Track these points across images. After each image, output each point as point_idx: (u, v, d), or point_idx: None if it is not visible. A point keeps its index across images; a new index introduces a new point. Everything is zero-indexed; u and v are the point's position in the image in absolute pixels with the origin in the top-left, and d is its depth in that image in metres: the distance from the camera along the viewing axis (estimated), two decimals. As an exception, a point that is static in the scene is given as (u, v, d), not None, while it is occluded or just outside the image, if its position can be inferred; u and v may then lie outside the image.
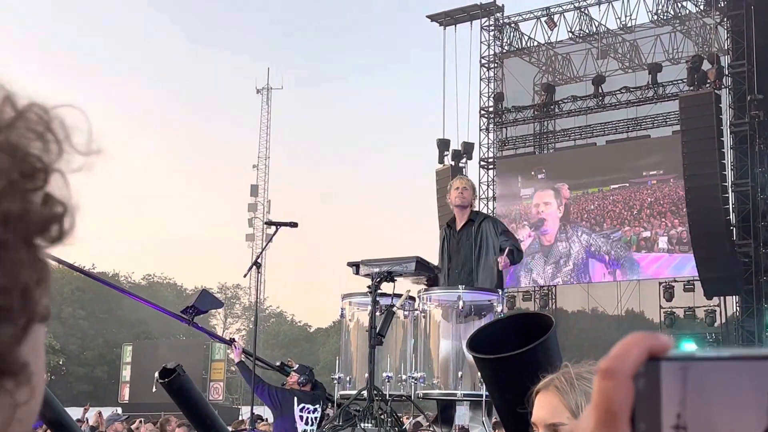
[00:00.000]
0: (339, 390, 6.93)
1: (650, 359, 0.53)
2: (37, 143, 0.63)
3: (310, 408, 8.11)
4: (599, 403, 0.54)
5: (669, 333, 23.35)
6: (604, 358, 0.54)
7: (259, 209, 54.44)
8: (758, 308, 21.31)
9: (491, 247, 7.03)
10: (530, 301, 25.23)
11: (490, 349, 3.35)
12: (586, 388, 1.78)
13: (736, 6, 22.14)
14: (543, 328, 3.36)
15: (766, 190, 21.79)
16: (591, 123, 25.42)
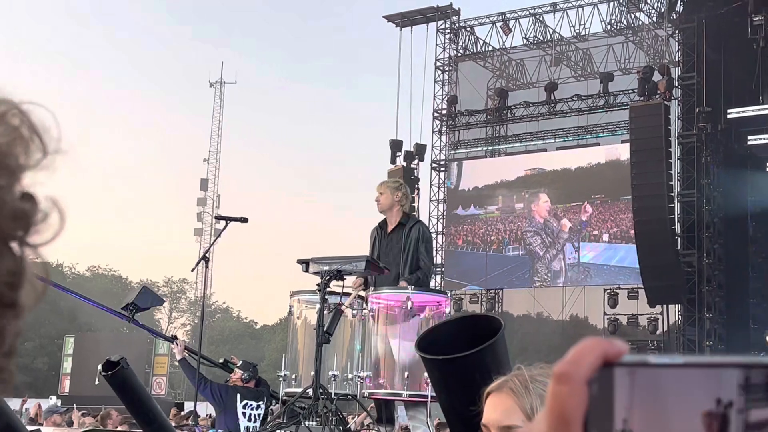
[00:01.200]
0: (284, 387, 6.90)
1: (604, 365, 0.53)
2: (15, 140, 0.63)
3: (253, 405, 8.07)
4: (553, 408, 0.53)
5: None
6: (559, 362, 0.54)
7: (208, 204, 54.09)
8: (699, 317, 21.66)
9: (416, 252, 7.09)
10: (477, 304, 25.37)
11: (438, 350, 3.35)
12: (540, 390, 1.77)
13: (688, 19, 22.48)
14: (492, 330, 3.38)
15: (711, 202, 22.15)
16: (542, 129, 25.66)
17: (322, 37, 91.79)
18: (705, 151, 22.18)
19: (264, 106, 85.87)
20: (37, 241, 0.65)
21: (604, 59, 24.90)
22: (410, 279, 6.94)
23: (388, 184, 7.39)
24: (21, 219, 0.63)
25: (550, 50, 25.78)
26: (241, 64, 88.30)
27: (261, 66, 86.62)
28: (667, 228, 21.21)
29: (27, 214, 0.63)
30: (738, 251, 22.61)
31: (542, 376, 1.80)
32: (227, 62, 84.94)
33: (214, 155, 55.16)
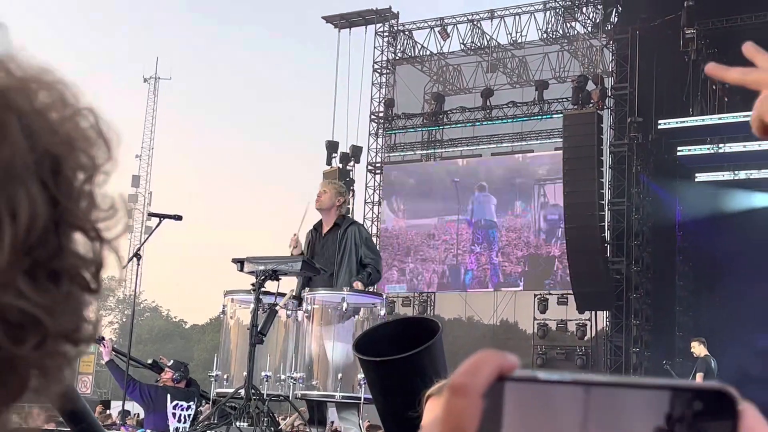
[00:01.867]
0: (216, 388, 6.84)
1: (497, 379, 0.53)
2: (87, 143, 0.67)
3: (183, 405, 7.98)
4: (448, 420, 0.53)
5: (541, 344, 23.96)
6: (455, 374, 0.54)
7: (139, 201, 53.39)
8: (627, 324, 22.01)
9: (353, 253, 7.07)
10: (409, 307, 25.45)
11: (376, 351, 3.35)
12: None
13: (622, 30, 22.85)
14: (429, 332, 3.40)
15: (640, 211, 22.52)
16: (478, 134, 25.86)
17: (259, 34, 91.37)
18: (636, 160, 22.54)
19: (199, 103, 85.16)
20: (110, 236, 0.68)
21: (539, 67, 25.20)
22: (362, 278, 6.91)
23: (334, 185, 7.37)
24: (98, 212, 0.67)
25: (486, 57, 26.00)
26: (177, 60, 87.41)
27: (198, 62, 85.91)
28: (597, 235, 21.51)
29: (105, 208, 0.68)
30: (665, 260, 23.04)
31: None
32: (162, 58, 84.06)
33: (147, 152, 54.51)
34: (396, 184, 26.22)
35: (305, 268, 6.50)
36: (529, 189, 24.34)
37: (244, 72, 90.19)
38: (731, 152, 21.28)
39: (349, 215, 8.09)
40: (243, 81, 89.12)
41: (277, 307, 6.43)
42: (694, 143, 21.70)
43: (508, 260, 24.39)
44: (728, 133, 21.06)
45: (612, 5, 23.05)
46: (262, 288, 6.37)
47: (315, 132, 77.20)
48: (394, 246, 25.32)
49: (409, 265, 25.27)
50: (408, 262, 25.27)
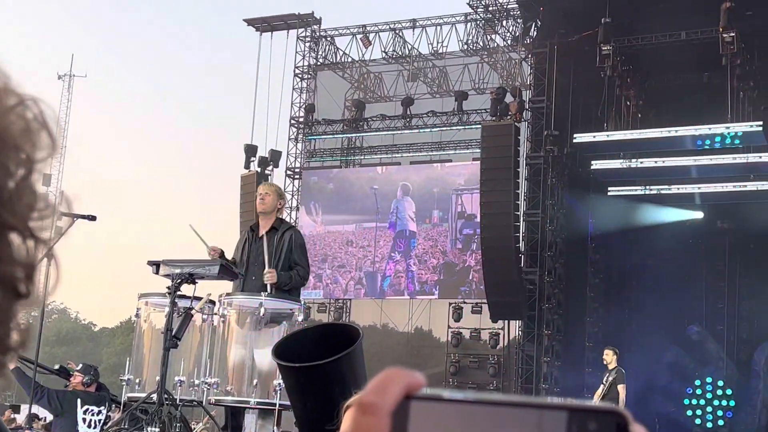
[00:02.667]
0: (127, 392, 6.70)
1: (404, 397, 0.54)
2: (28, 133, 0.63)
3: (94, 410, 7.80)
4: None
5: (455, 352, 24.15)
6: (362, 392, 0.54)
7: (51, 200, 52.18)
8: (538, 334, 22.32)
9: (288, 258, 7.04)
10: (325, 313, 25.40)
11: (295, 357, 3.33)
12: None
13: (541, 44, 23.21)
14: (350, 339, 3.38)
15: (554, 222, 22.88)
16: (397, 143, 25.98)
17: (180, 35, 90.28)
18: (551, 173, 22.89)
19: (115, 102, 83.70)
20: (45, 236, 0.64)
21: (459, 78, 25.44)
22: (283, 275, 6.86)
23: (275, 188, 7.33)
24: (34, 211, 0.64)
25: (407, 65, 26.15)
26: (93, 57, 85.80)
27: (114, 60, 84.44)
28: (512, 246, 21.77)
29: (40, 206, 0.64)
30: (577, 271, 23.45)
31: None
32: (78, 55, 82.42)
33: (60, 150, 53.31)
34: (315, 190, 26.16)
35: (223, 273, 6.42)
36: (446, 198, 24.52)
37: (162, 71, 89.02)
38: (643, 167, 21.79)
39: (285, 220, 8.05)
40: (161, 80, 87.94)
41: (192, 311, 6.33)
42: (608, 157, 22.15)
43: (425, 268, 24.52)
44: (641, 149, 21.58)
45: (531, 20, 23.40)
46: (177, 291, 6.27)
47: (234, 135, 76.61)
48: (311, 252, 25.19)
49: (326, 272, 25.22)
50: (325, 268, 25.22)
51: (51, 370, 9.00)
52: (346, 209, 25.50)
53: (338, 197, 25.74)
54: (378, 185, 25.41)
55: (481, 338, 23.99)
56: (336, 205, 25.66)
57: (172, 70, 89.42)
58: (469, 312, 23.71)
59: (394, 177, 25.41)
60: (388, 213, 25.08)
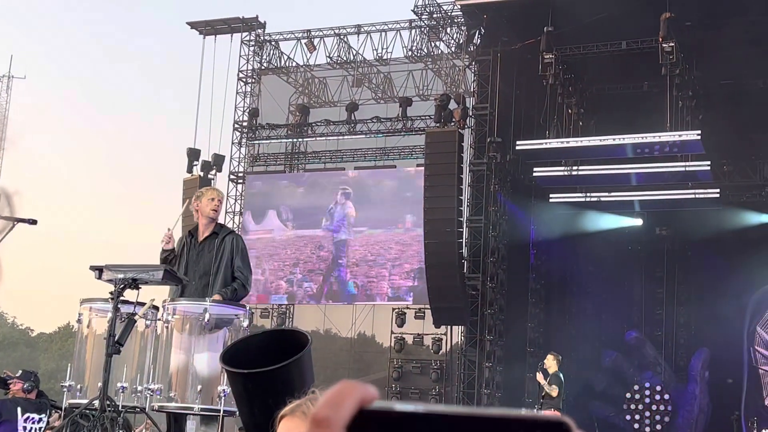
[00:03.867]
0: (69, 399, 6.61)
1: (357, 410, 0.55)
2: None
3: (35, 418, 7.67)
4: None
5: (398, 357, 24.20)
6: (316, 406, 0.54)
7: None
8: (481, 339, 22.45)
9: (229, 263, 6.99)
10: (267, 318, 25.26)
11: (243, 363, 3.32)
12: None
13: (485, 52, 23.38)
14: (298, 345, 3.39)
15: (497, 228, 23.05)
16: (342, 148, 25.97)
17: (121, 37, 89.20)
18: (494, 179, 23.05)
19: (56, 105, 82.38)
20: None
21: (404, 84, 25.52)
22: (225, 292, 6.81)
23: (221, 193, 7.25)
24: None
25: (352, 71, 26.17)
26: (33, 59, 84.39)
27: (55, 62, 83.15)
28: (455, 251, 21.87)
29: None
30: (519, 277, 23.65)
31: None
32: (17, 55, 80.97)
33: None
34: (258, 195, 26.02)
35: (167, 278, 6.37)
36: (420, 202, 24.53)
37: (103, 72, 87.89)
38: (584, 174, 22.08)
39: (224, 224, 7.97)
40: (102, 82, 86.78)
41: (135, 317, 6.27)
42: (550, 164, 22.40)
43: (400, 273, 24.46)
44: (582, 156, 21.86)
45: (475, 27, 23.57)
46: (120, 297, 6.21)
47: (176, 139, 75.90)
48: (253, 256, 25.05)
49: (296, 276, 25.07)
50: (296, 273, 25.07)
51: None
52: (288, 213, 25.40)
53: (280, 202, 25.61)
54: (322, 189, 25.35)
55: (424, 343, 24.07)
56: (279, 209, 25.53)
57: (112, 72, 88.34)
58: (413, 317, 23.78)
59: (339, 182, 25.37)
60: (331, 217, 25.03)
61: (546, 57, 21.08)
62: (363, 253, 24.61)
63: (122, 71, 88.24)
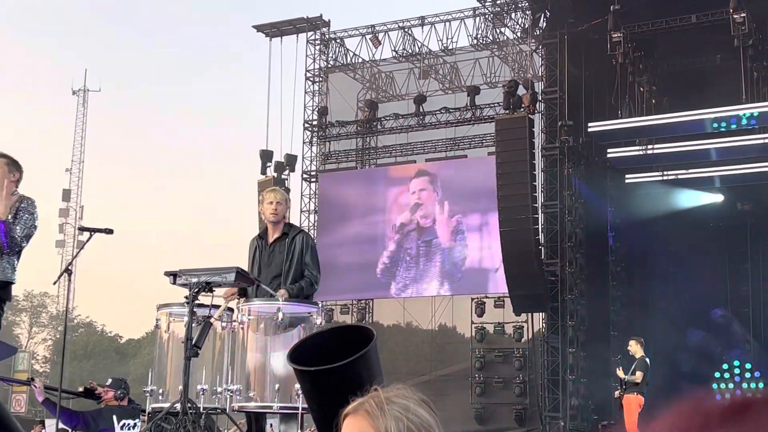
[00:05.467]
0: (151, 403, 6.73)
1: None
2: None
3: (130, 424, 7.83)
4: None
5: (479, 347, 24.11)
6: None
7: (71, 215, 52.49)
8: (563, 325, 22.24)
9: (300, 263, 7.03)
10: (348, 314, 25.42)
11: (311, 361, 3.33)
12: (396, 413, 1.76)
13: (551, 35, 23.14)
14: (365, 340, 3.38)
15: (573, 213, 22.80)
16: (412, 141, 25.93)
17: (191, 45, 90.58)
18: (567, 163, 22.82)
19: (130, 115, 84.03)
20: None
21: (471, 73, 25.37)
22: (291, 289, 6.87)
23: (283, 194, 7.27)
24: None
25: (418, 63, 26.12)
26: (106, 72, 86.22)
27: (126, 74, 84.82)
28: (531, 238, 21.69)
29: None
30: (599, 261, 23.36)
31: (398, 398, 1.80)
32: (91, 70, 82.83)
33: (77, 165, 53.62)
34: (332, 192, 26.12)
35: (239, 279, 6.43)
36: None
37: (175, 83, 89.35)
38: (660, 153, 21.68)
39: (293, 224, 8.02)
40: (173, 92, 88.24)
41: (211, 320, 6.34)
42: (624, 145, 22.05)
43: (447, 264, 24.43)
44: (656, 135, 21.46)
45: (540, 10, 23.33)
46: (195, 300, 6.29)
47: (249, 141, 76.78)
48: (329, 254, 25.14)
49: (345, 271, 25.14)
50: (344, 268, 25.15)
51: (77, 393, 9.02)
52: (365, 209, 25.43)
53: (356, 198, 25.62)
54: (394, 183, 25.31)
55: (506, 332, 23.94)
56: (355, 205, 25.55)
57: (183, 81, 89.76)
58: (492, 306, 23.67)
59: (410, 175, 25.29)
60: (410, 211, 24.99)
61: (614, 36, 20.74)
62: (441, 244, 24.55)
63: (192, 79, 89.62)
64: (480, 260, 24.10)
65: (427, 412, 1.82)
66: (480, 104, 24.50)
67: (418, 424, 1.77)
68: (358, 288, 25.26)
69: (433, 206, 24.79)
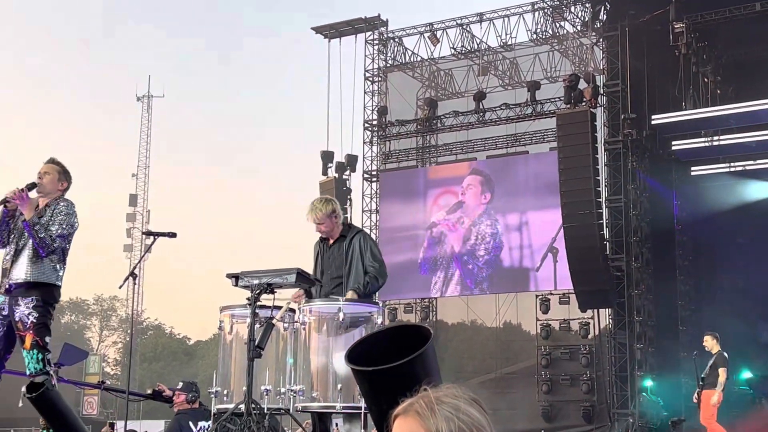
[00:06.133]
0: (216, 404, 6.79)
1: None
2: None
3: (206, 426, 7.91)
4: None
5: (545, 344, 23.90)
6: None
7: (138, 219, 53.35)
8: (629, 321, 21.96)
9: (360, 262, 7.06)
10: (411, 313, 25.41)
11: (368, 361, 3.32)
12: (446, 413, 1.75)
13: (611, 28, 22.86)
14: (422, 339, 3.36)
15: (638, 207, 22.50)
16: (472, 138, 25.82)
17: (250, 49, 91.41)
18: (631, 156, 22.54)
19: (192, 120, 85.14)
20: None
21: (530, 68, 25.17)
22: (358, 288, 6.91)
23: (323, 211, 7.20)
24: None
25: (477, 60, 25.99)
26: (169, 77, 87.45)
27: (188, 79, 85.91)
28: (595, 233, 21.46)
29: None
30: (665, 255, 23.02)
31: (448, 398, 1.78)
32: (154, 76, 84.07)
33: (143, 170, 54.49)
34: (393, 191, 26.12)
35: (300, 280, 6.47)
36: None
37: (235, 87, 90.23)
38: (726, 144, 21.27)
39: (352, 223, 8.07)
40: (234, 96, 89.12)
41: (273, 321, 6.38)
42: (689, 137, 21.68)
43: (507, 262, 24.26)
44: (722, 126, 21.06)
45: (600, 3, 23.07)
46: (257, 302, 6.34)
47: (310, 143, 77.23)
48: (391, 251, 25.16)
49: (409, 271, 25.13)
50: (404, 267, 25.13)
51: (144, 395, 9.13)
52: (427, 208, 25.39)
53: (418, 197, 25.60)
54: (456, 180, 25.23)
55: (571, 329, 23.72)
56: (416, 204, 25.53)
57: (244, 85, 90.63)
58: (557, 303, 23.46)
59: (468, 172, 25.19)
60: (474, 208, 24.90)
61: (676, 26, 20.43)
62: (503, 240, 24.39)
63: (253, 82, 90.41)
64: (521, 258, 23.93)
65: (478, 411, 1.80)
66: (540, 99, 24.30)
67: (469, 424, 1.75)
68: (416, 288, 25.15)
69: (476, 205, 24.66)
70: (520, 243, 23.97)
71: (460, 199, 24.88)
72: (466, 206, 24.81)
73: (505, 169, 24.78)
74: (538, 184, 23.61)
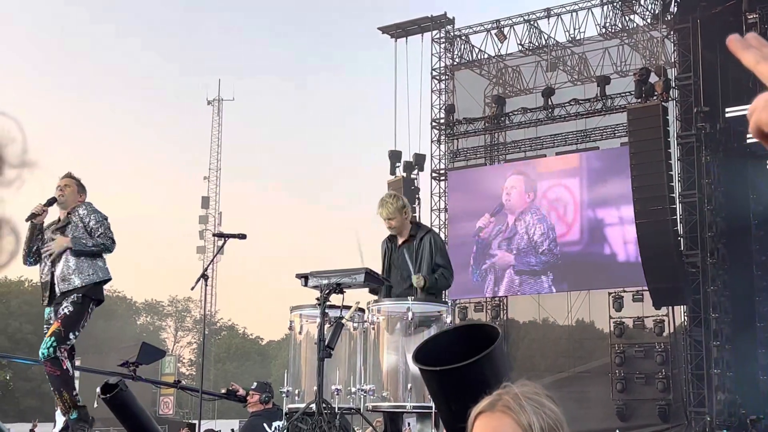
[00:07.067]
0: (287, 403, 6.84)
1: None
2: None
3: (279, 425, 7.97)
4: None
5: (619, 342, 23.59)
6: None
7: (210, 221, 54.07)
8: (705, 318, 21.56)
9: (429, 262, 7.02)
10: (482, 312, 25.28)
11: (436, 360, 3.31)
12: (534, 407, 1.75)
13: (683, 20, 22.47)
14: (490, 339, 3.34)
15: (712, 201, 22.07)
16: (541, 135, 25.58)
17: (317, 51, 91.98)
18: (704, 150, 22.13)
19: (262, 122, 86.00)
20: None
21: (600, 63, 24.84)
22: (428, 276, 6.86)
23: (394, 205, 7.17)
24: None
25: (545, 56, 25.76)
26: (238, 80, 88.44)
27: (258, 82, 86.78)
28: (669, 229, 21.13)
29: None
30: (741, 250, 22.53)
31: (530, 393, 1.77)
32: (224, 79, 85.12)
33: (215, 173, 55.19)
34: (462, 190, 26.01)
35: (368, 280, 6.47)
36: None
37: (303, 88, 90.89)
38: (804, 136, 20.71)
39: (421, 223, 8.02)
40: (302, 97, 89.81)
41: (343, 320, 6.40)
42: (764, 129, 21.16)
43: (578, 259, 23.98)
44: (799, 117, 20.51)
45: (671, -5, 22.69)
46: (327, 302, 6.36)
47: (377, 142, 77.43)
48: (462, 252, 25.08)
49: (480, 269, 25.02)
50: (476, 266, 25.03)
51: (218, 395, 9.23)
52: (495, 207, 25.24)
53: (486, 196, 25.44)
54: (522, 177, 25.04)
55: (646, 326, 23.37)
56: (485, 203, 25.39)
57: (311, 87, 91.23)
58: (630, 300, 23.13)
59: (533, 168, 24.97)
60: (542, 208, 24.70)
61: (750, 17, 20.00)
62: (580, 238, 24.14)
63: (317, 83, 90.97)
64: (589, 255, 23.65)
65: (557, 407, 1.80)
66: (610, 94, 23.98)
67: (554, 419, 1.76)
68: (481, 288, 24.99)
69: (521, 204, 24.46)
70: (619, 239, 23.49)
71: (503, 201, 24.67)
72: (511, 206, 24.61)
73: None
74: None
